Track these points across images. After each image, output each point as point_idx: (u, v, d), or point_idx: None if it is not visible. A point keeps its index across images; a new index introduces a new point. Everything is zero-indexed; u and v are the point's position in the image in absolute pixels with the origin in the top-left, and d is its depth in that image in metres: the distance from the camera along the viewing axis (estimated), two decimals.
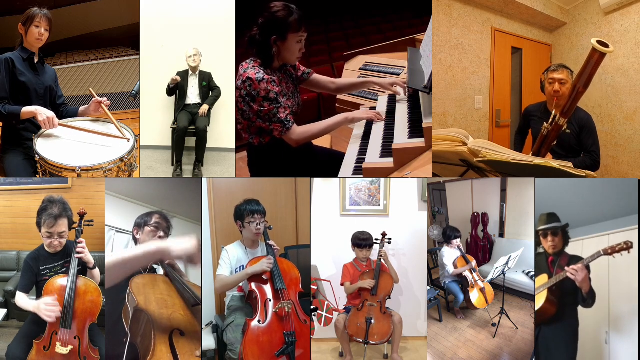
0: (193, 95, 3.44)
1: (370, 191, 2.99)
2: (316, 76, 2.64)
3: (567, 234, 2.15)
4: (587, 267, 2.03)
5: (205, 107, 3.39)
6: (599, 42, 2.17)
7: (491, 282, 2.99)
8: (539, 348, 2.12)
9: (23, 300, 2.19)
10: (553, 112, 2.57)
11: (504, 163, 2.16)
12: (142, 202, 2.64)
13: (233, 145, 3.35)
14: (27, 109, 2.42)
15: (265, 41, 2.25)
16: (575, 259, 2.11)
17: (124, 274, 2.00)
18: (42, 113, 2.40)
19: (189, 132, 3.39)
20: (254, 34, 2.28)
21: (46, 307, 2.10)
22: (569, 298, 2.10)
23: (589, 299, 2.06)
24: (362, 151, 2.51)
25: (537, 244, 2.21)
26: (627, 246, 1.98)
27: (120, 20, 4.76)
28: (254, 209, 2.43)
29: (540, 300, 2.10)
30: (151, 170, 3.46)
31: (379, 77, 3.04)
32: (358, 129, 2.76)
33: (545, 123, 2.59)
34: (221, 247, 2.56)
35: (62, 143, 2.47)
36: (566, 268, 2.04)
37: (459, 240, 3.03)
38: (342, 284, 2.73)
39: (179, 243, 1.93)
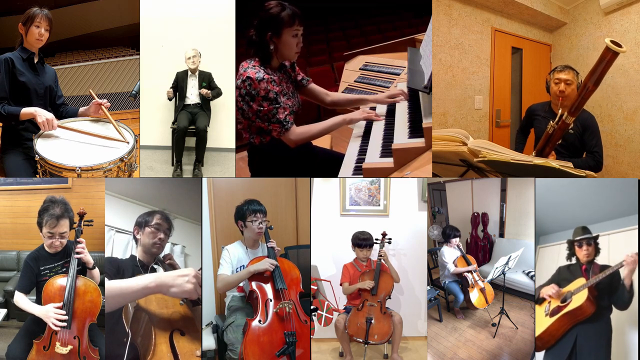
0: (193, 96, 3.44)
1: (370, 191, 2.99)
2: (313, 85, 2.62)
3: (598, 245, 2.23)
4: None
5: (207, 90, 3.38)
6: (612, 41, 2.19)
7: (491, 282, 2.99)
8: (575, 349, 2.15)
9: (25, 302, 2.18)
10: (560, 110, 2.58)
11: (504, 163, 2.16)
12: (142, 202, 2.65)
13: (233, 145, 3.35)
14: (26, 110, 2.42)
15: (261, 39, 2.26)
16: (605, 267, 2.15)
17: (123, 302, 2.00)
18: (42, 115, 2.40)
19: (189, 132, 3.39)
20: (251, 34, 2.29)
21: (55, 315, 2.09)
22: (605, 300, 2.13)
23: (630, 299, 2.08)
24: (362, 151, 2.51)
25: (569, 256, 2.29)
26: None
27: (120, 20, 4.76)
28: (256, 208, 2.43)
29: (580, 300, 2.13)
30: (151, 170, 3.46)
31: (373, 95, 2.99)
32: (358, 129, 2.76)
33: (551, 121, 2.59)
34: (221, 247, 2.56)
35: (62, 143, 2.47)
36: (625, 256, 2.07)
37: (458, 239, 3.03)
38: (341, 284, 2.73)
39: (177, 281, 1.90)
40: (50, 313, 2.09)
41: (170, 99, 3.44)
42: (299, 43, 2.28)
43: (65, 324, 2.09)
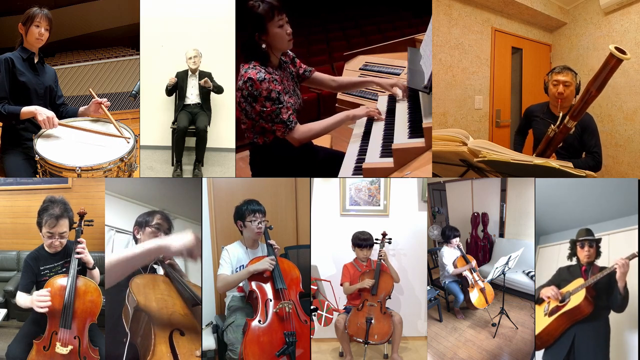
0: (193, 96, 3.44)
1: (370, 191, 2.99)
2: (317, 74, 2.65)
3: (600, 248, 2.24)
4: None
5: (206, 78, 3.38)
6: (617, 48, 2.19)
7: (491, 282, 2.99)
8: (573, 348, 2.16)
9: (24, 300, 2.19)
10: (560, 114, 2.57)
11: (504, 163, 2.16)
12: (142, 202, 2.64)
13: (233, 145, 3.35)
14: (26, 109, 2.42)
15: (251, 41, 2.25)
16: (604, 269, 2.16)
17: (125, 273, 2.00)
18: (42, 113, 2.40)
19: (189, 132, 3.39)
20: (244, 40, 2.30)
21: (37, 298, 2.11)
22: (603, 300, 2.14)
23: (624, 301, 2.09)
24: (362, 151, 2.51)
25: (570, 255, 2.30)
26: None
27: (120, 20, 4.76)
28: (255, 208, 2.43)
29: (577, 299, 2.14)
30: (151, 170, 3.46)
31: (379, 77, 3.03)
32: (358, 129, 2.76)
33: (552, 125, 2.58)
34: (221, 247, 2.56)
35: (62, 143, 2.47)
36: (615, 261, 2.11)
37: (458, 239, 3.03)
38: (341, 284, 2.73)
39: (177, 239, 1.95)
40: (34, 297, 2.12)
41: (169, 90, 3.41)
42: (287, 31, 2.27)
43: (48, 304, 2.10)
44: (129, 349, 2.00)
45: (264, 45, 2.25)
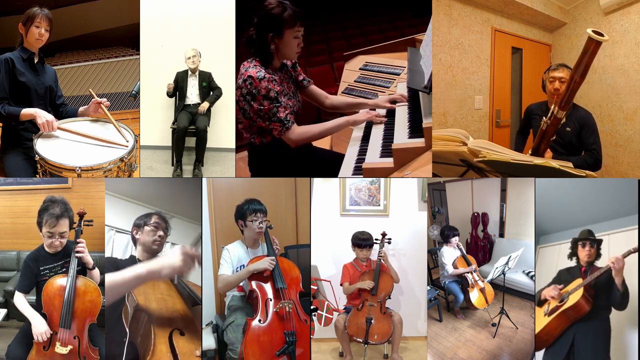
0: (193, 96, 3.44)
1: (370, 191, 2.99)
2: (313, 87, 2.62)
3: (600, 250, 2.25)
4: None
5: (205, 105, 3.39)
6: (594, 31, 2.20)
7: (491, 282, 2.99)
8: (573, 348, 2.16)
9: (22, 303, 2.19)
10: (552, 107, 2.58)
11: (504, 163, 2.16)
12: (142, 202, 2.64)
13: (233, 145, 3.35)
14: (26, 111, 2.42)
15: (262, 39, 2.25)
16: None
17: (118, 295, 2.02)
18: (42, 116, 2.40)
19: (189, 132, 3.39)
20: (251, 33, 2.28)
21: (39, 329, 2.09)
22: (603, 299, 2.14)
23: (623, 298, 2.09)
24: (362, 151, 2.51)
25: (571, 255, 2.30)
26: None
27: (120, 20, 4.77)
28: (257, 207, 2.43)
29: (575, 298, 2.15)
30: (151, 170, 3.46)
31: (374, 98, 2.96)
32: (358, 130, 2.76)
33: (544, 118, 2.59)
34: (222, 246, 2.56)
35: (62, 143, 2.47)
36: (608, 259, 2.13)
37: (457, 239, 3.03)
38: (341, 284, 2.73)
39: (166, 263, 1.93)
40: (39, 329, 2.09)
41: (169, 95, 3.43)
42: (299, 43, 2.28)
43: (45, 339, 2.09)
44: (128, 348, 2.00)
45: (272, 47, 2.25)
